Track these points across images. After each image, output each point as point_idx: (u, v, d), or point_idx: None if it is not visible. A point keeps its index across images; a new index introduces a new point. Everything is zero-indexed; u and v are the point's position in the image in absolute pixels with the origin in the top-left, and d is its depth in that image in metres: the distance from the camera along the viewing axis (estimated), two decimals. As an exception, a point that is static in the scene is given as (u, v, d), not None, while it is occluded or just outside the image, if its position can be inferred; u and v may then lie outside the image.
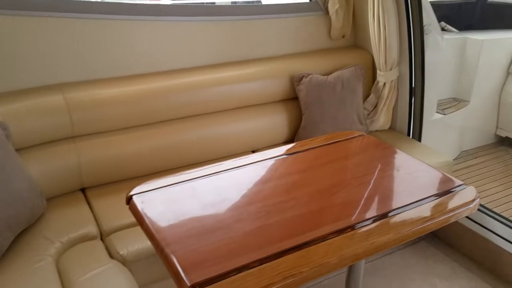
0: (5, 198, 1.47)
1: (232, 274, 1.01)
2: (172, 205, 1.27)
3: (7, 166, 1.52)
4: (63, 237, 1.60)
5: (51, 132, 1.77)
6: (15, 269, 1.43)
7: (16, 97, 1.73)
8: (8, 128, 1.62)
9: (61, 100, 1.77)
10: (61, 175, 1.81)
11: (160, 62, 2.06)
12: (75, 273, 1.45)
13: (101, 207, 1.78)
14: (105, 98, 1.86)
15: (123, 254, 1.54)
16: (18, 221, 1.52)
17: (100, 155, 1.87)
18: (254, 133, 2.19)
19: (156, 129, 1.99)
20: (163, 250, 1.09)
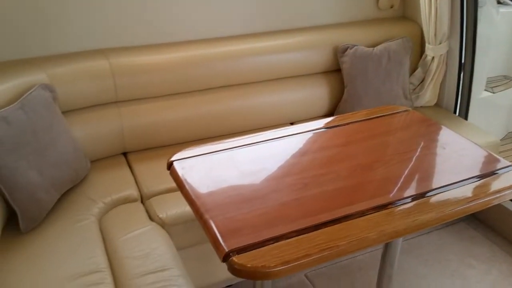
0: (51, 159, 1.53)
1: (269, 243, 1.01)
2: (211, 172, 1.28)
3: (54, 128, 1.57)
4: (105, 198, 1.66)
5: (95, 96, 1.81)
6: (60, 226, 1.50)
7: (63, 60, 1.77)
8: (55, 91, 1.67)
9: (106, 65, 1.80)
10: (104, 138, 1.86)
11: (201, 30, 2.05)
12: (116, 232, 1.51)
13: (141, 171, 1.82)
14: (148, 64, 1.88)
15: (162, 217, 1.58)
16: (63, 181, 1.59)
17: (142, 121, 1.90)
18: (293, 105, 2.16)
19: (196, 97, 1.99)
20: (202, 215, 1.11)
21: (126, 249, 1.43)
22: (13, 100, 1.55)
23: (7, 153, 1.39)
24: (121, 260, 1.39)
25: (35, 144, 1.48)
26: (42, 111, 1.54)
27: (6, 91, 1.56)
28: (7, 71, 1.64)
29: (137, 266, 1.36)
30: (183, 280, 1.33)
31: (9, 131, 1.40)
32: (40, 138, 1.50)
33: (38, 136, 1.49)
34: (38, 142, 1.49)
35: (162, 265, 1.37)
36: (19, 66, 1.69)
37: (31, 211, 1.45)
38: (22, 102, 1.50)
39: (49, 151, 1.52)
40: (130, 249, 1.43)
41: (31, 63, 1.72)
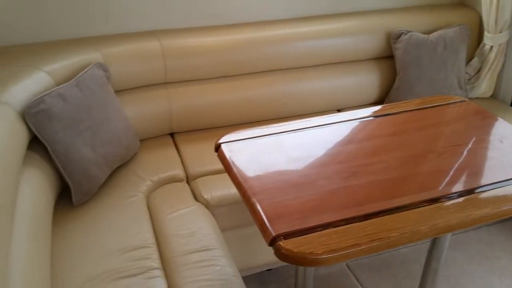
0: (104, 136, 1.58)
1: (317, 230, 1.00)
2: (259, 156, 1.28)
3: (107, 106, 1.62)
4: (153, 177, 1.70)
5: (146, 77, 1.85)
6: (110, 201, 1.56)
7: (117, 40, 1.81)
8: (109, 70, 1.71)
9: (157, 46, 1.83)
10: (153, 118, 1.90)
11: (252, 12, 2.04)
12: (163, 210, 1.55)
13: (188, 152, 1.85)
14: (197, 46, 1.89)
15: (207, 198, 1.60)
16: (114, 158, 1.64)
17: (189, 102, 1.92)
18: (341, 92, 2.12)
19: (244, 80, 1.99)
20: (250, 198, 1.11)
21: (172, 227, 1.46)
22: (69, 77, 1.61)
23: (64, 129, 1.45)
24: (167, 238, 1.43)
25: (89, 121, 1.52)
26: (96, 89, 1.58)
27: (63, 69, 1.62)
28: (65, 49, 1.70)
29: (182, 244, 1.39)
30: (226, 261, 1.35)
31: (65, 107, 1.46)
32: (94, 116, 1.55)
33: (92, 114, 1.54)
34: (93, 120, 1.54)
35: (206, 244, 1.39)
36: (76, 45, 1.75)
37: (83, 185, 1.51)
38: (78, 80, 1.55)
39: (102, 129, 1.57)
40: (176, 227, 1.46)
41: (87, 43, 1.77)
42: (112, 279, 1.24)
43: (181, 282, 1.27)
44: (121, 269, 1.27)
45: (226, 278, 1.28)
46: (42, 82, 1.53)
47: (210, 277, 1.28)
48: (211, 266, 1.31)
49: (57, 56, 1.65)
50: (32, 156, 1.43)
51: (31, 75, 1.53)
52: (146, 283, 1.23)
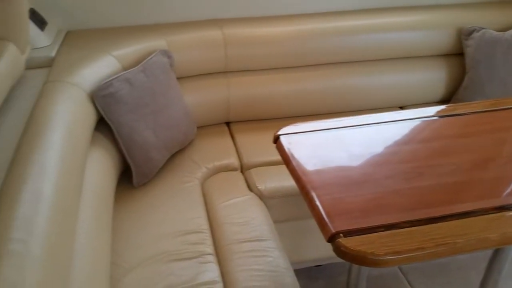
0: (165, 121, 1.61)
1: (380, 230, 0.97)
2: (319, 150, 1.26)
3: (169, 93, 1.65)
4: (209, 164, 1.72)
5: (207, 65, 1.87)
6: (168, 184, 1.59)
7: (181, 28, 1.84)
8: (172, 57, 1.74)
9: (219, 35, 1.84)
10: (211, 106, 1.92)
11: (316, 3, 2.00)
12: (217, 198, 1.57)
13: (243, 142, 1.86)
14: (259, 36, 1.88)
15: (261, 189, 1.60)
16: (173, 143, 1.67)
17: (247, 92, 1.93)
18: (405, 88, 2.05)
19: (303, 72, 1.97)
20: (309, 193, 1.10)
21: (225, 214, 1.48)
22: (135, 63, 1.65)
23: (129, 112, 1.49)
24: (220, 225, 1.44)
25: (152, 106, 1.56)
26: (160, 75, 1.62)
27: (130, 54, 1.66)
28: (133, 35, 1.75)
29: (235, 232, 1.40)
30: (279, 253, 1.34)
31: (131, 91, 1.50)
32: (157, 101, 1.58)
33: (155, 99, 1.58)
34: (155, 105, 1.57)
35: (259, 235, 1.39)
36: (143, 31, 1.79)
37: (144, 168, 1.55)
38: (144, 66, 1.59)
39: (164, 114, 1.61)
40: (229, 215, 1.47)
41: (153, 29, 1.81)
42: (167, 260, 1.27)
43: (233, 269, 1.28)
44: (176, 252, 1.30)
45: (277, 270, 1.28)
46: (110, 66, 1.59)
47: (262, 267, 1.28)
48: (263, 257, 1.32)
49: (125, 42, 1.70)
50: (98, 136, 1.49)
51: (100, 59, 1.58)
52: (199, 267, 1.26)
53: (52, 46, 1.67)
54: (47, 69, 1.54)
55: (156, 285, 1.19)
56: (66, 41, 1.74)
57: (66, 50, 1.65)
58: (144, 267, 1.25)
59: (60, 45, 1.70)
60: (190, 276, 1.22)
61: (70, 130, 1.21)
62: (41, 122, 1.18)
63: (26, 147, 1.07)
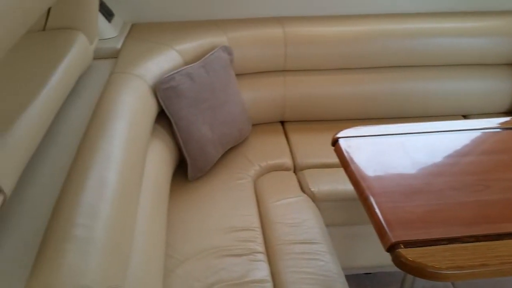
0: (222, 117, 1.63)
1: (442, 243, 0.93)
2: (380, 156, 1.22)
3: (228, 89, 1.67)
4: (262, 162, 1.72)
5: (266, 63, 1.86)
6: (221, 180, 1.61)
7: (243, 25, 1.85)
8: (232, 53, 1.75)
9: (280, 33, 1.83)
10: (267, 105, 1.91)
11: (380, 4, 1.95)
12: (269, 196, 1.56)
13: (297, 142, 1.84)
14: (320, 35, 1.86)
15: (314, 191, 1.58)
16: (228, 139, 1.69)
17: (304, 92, 1.91)
18: (469, 97, 1.95)
19: (363, 74, 1.92)
20: (367, 199, 1.07)
21: (277, 214, 1.47)
22: (196, 57, 1.68)
23: (188, 106, 1.52)
24: (272, 224, 1.44)
25: (211, 101, 1.58)
26: (220, 71, 1.63)
27: (192, 49, 1.69)
28: (195, 30, 1.78)
29: (287, 233, 1.39)
30: (330, 257, 1.32)
31: (192, 86, 1.52)
32: (216, 97, 1.60)
33: (214, 94, 1.59)
34: (214, 100, 1.59)
35: (311, 237, 1.38)
36: (205, 27, 1.82)
37: (199, 162, 1.57)
38: (205, 61, 1.61)
39: (222, 110, 1.62)
40: (281, 215, 1.46)
41: (214, 25, 1.83)
42: (218, 255, 1.28)
43: (283, 270, 1.27)
44: (227, 247, 1.31)
45: (328, 275, 1.25)
46: (173, 60, 1.62)
47: (313, 270, 1.26)
48: (314, 260, 1.30)
49: (187, 37, 1.73)
50: (157, 129, 1.52)
51: (164, 53, 1.62)
52: (250, 265, 1.26)
53: (118, 38, 1.72)
54: (113, 60, 1.60)
55: (208, 278, 1.20)
56: (131, 34, 1.79)
57: (131, 42, 1.70)
58: (196, 260, 1.26)
59: (126, 37, 1.76)
60: (241, 273, 1.22)
61: (133, 121, 1.24)
62: (106, 111, 1.22)
63: (92, 135, 1.11)
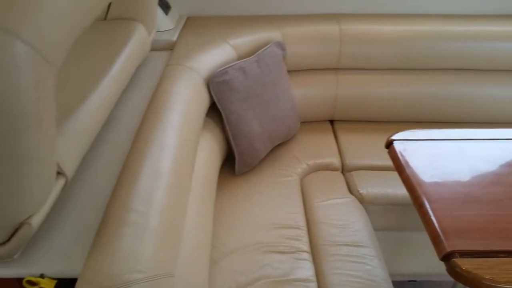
0: (272, 113, 1.62)
1: (501, 255, 0.89)
2: (437, 161, 1.17)
3: (279, 85, 1.66)
4: (309, 160, 1.70)
5: (319, 60, 1.84)
6: (268, 176, 1.60)
7: (297, 21, 1.83)
8: (285, 49, 1.74)
9: (336, 30, 1.80)
10: (317, 103, 1.89)
11: (440, 4, 1.87)
12: (315, 196, 1.54)
13: (346, 142, 1.81)
14: (376, 34, 1.81)
15: (363, 193, 1.55)
16: (277, 136, 1.68)
17: (356, 91, 1.87)
18: (533, 103, 1.84)
19: (417, 76, 1.85)
20: (423, 205, 1.03)
21: (323, 214, 1.45)
22: (249, 52, 1.68)
23: (240, 101, 1.52)
24: (317, 224, 1.42)
25: (262, 96, 1.58)
26: (273, 67, 1.63)
27: (246, 44, 1.69)
28: (249, 25, 1.78)
29: (333, 234, 1.37)
30: (378, 262, 1.29)
31: (245, 81, 1.53)
32: (267, 92, 1.59)
33: (266, 90, 1.59)
34: (265, 96, 1.59)
35: (358, 240, 1.35)
36: (260, 22, 1.81)
37: (247, 157, 1.58)
38: (259, 56, 1.60)
39: (272, 106, 1.61)
40: (327, 216, 1.44)
41: (268, 21, 1.82)
42: (263, 251, 1.28)
43: (328, 271, 1.25)
44: (272, 244, 1.31)
45: (375, 280, 1.22)
46: (226, 54, 1.63)
47: (359, 274, 1.24)
48: (361, 263, 1.27)
49: (241, 31, 1.74)
50: (208, 121, 1.54)
51: (218, 46, 1.63)
52: (294, 263, 1.24)
53: (174, 30, 1.75)
54: (169, 52, 1.63)
55: (252, 273, 1.20)
56: (187, 26, 1.82)
57: (186, 35, 1.73)
58: (241, 254, 1.27)
59: (181, 29, 1.78)
60: (285, 270, 1.21)
61: (187, 113, 1.26)
62: (162, 102, 1.24)
63: (147, 125, 1.14)
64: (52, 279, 0.74)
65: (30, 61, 0.56)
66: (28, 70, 0.56)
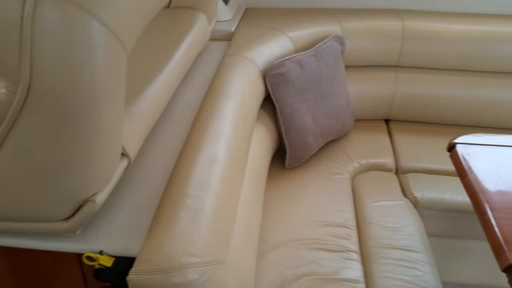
0: (326, 108, 1.59)
1: None
2: (502, 168, 1.11)
3: (335, 80, 1.62)
4: (362, 159, 1.66)
5: (378, 57, 1.78)
6: (318, 172, 1.58)
7: (358, 15, 1.78)
8: (345, 44, 1.70)
9: (398, 26, 1.73)
10: (373, 100, 1.83)
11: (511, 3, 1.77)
12: (367, 196, 1.50)
13: (401, 143, 1.75)
14: (441, 32, 1.72)
15: (417, 196, 1.49)
16: (329, 132, 1.65)
17: (416, 91, 1.79)
18: None
19: (483, 78, 1.76)
20: (485, 213, 0.97)
21: (375, 215, 1.41)
22: (307, 46, 1.66)
23: (294, 94, 1.50)
24: (368, 225, 1.38)
25: (317, 91, 1.55)
26: (330, 61, 1.60)
27: (304, 37, 1.67)
28: (308, 18, 1.75)
29: (384, 236, 1.33)
30: (430, 269, 1.24)
31: (301, 74, 1.51)
32: (323, 87, 1.57)
33: (321, 84, 1.56)
34: (320, 90, 1.56)
35: (410, 245, 1.30)
36: (319, 15, 1.78)
37: (298, 151, 1.56)
38: (316, 50, 1.58)
39: (326, 101, 1.59)
40: (379, 217, 1.40)
41: (328, 14, 1.79)
42: (310, 247, 1.26)
43: (378, 274, 1.21)
44: (320, 241, 1.29)
45: (426, 287, 1.18)
46: (284, 46, 1.61)
47: (409, 279, 1.19)
48: (413, 269, 1.22)
49: (300, 24, 1.71)
50: (261, 113, 1.53)
51: (276, 38, 1.62)
52: (343, 263, 1.22)
53: (232, 21, 1.76)
54: (227, 42, 1.64)
55: (298, 268, 1.19)
56: (245, 18, 1.82)
57: (245, 26, 1.73)
58: (288, 248, 1.26)
59: (239, 20, 1.78)
60: (333, 269, 1.19)
61: (243, 103, 1.26)
62: (219, 92, 1.25)
63: (205, 113, 1.15)
64: (111, 257, 0.77)
65: (105, 41, 0.57)
66: (102, 49, 0.57)
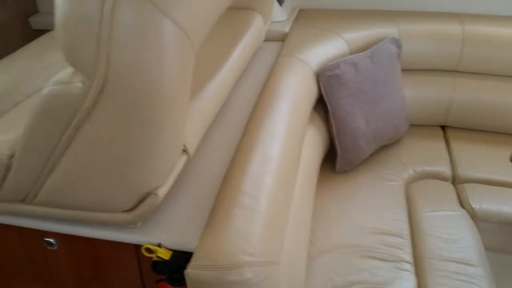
0: (380, 112, 1.55)
1: None
2: None
3: (391, 83, 1.57)
4: (417, 167, 1.60)
5: (436, 61, 1.71)
6: (370, 178, 1.53)
7: (416, 18, 1.72)
8: (401, 47, 1.65)
9: (458, 30, 1.66)
10: (429, 106, 1.76)
11: None
12: (422, 205, 1.44)
13: (459, 151, 1.67)
14: (504, 37, 1.64)
15: (475, 208, 1.41)
16: (383, 136, 1.60)
17: (476, 98, 1.71)
18: None
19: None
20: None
21: (430, 226, 1.35)
22: (363, 47, 1.62)
23: (348, 96, 1.47)
24: (423, 235, 1.32)
25: (371, 94, 1.51)
26: (386, 64, 1.55)
27: (359, 38, 1.63)
28: (363, 19, 1.71)
29: (440, 247, 1.27)
30: (488, 285, 1.17)
31: (355, 76, 1.47)
32: (377, 90, 1.52)
33: (376, 87, 1.52)
34: (374, 93, 1.52)
35: (467, 258, 1.23)
36: (375, 17, 1.74)
37: (350, 154, 1.52)
38: (372, 52, 1.54)
39: (380, 104, 1.54)
40: (434, 228, 1.34)
41: (384, 16, 1.74)
42: (361, 255, 1.23)
43: (432, 286, 1.16)
44: (372, 249, 1.25)
45: (485, 304, 1.11)
46: (339, 48, 1.58)
47: (467, 295, 1.13)
48: (470, 283, 1.16)
49: (355, 25, 1.68)
50: (313, 114, 1.51)
51: (330, 40, 1.59)
52: (395, 273, 1.18)
53: (286, 22, 1.75)
54: (281, 43, 1.63)
55: (349, 275, 1.15)
56: (299, 19, 1.80)
57: (298, 27, 1.71)
58: (338, 254, 1.23)
59: (293, 21, 1.77)
60: (385, 279, 1.15)
61: (296, 103, 1.25)
62: (273, 92, 1.24)
63: (259, 113, 1.14)
64: (169, 250, 0.77)
65: (177, 40, 0.57)
66: (174, 48, 0.57)
